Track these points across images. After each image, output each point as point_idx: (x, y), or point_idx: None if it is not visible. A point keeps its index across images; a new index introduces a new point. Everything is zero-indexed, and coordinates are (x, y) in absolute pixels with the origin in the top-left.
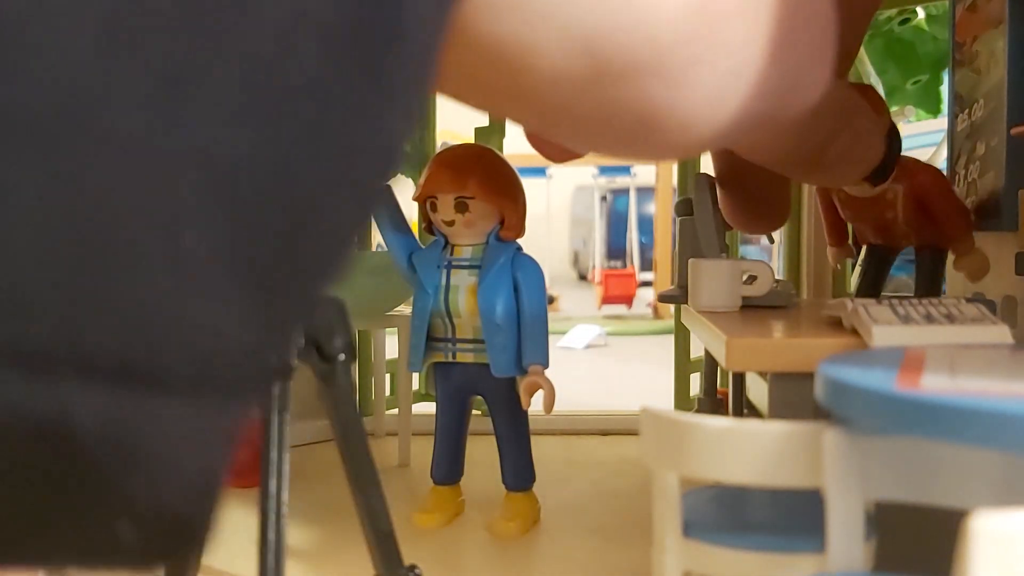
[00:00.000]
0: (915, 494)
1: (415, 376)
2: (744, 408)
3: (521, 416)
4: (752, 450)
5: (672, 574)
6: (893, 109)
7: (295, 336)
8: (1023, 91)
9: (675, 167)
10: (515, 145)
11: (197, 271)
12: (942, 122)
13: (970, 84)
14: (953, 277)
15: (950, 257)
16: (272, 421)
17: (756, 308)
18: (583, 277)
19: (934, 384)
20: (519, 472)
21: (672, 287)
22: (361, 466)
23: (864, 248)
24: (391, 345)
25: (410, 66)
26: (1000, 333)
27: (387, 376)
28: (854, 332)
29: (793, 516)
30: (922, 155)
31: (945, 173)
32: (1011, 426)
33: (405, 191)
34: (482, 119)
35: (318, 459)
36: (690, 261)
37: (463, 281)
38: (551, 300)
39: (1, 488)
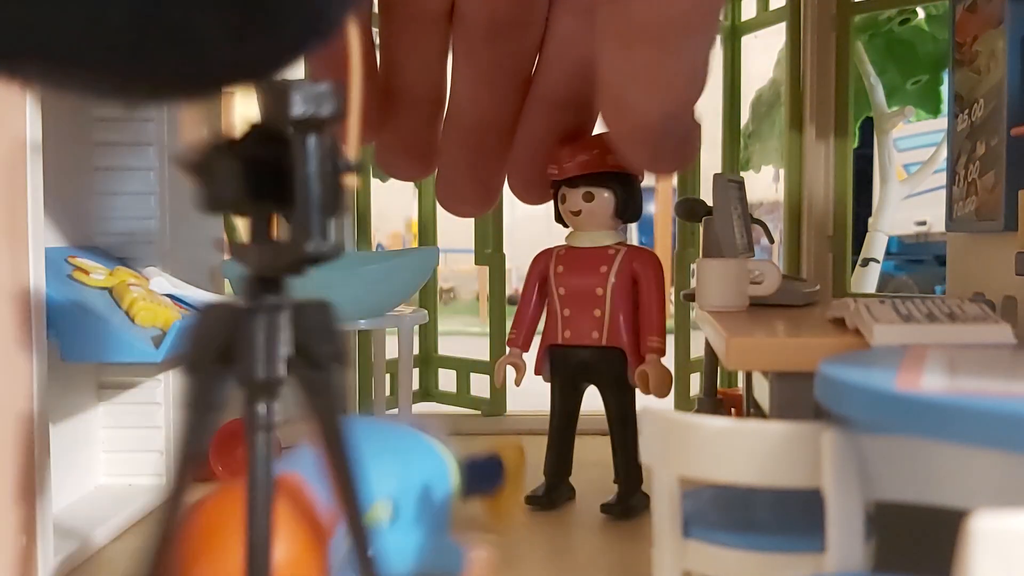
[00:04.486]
0: (915, 494)
1: (415, 376)
2: (750, 408)
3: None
4: (752, 450)
5: (672, 574)
6: (893, 109)
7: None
8: (1023, 91)
9: None
10: None
11: None
12: (942, 122)
13: (970, 84)
14: (953, 276)
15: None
16: (257, 441)
17: (765, 307)
18: None
19: (934, 384)
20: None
21: (694, 286)
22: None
23: None
24: (391, 345)
25: None
26: (1002, 332)
27: (387, 376)
28: (856, 332)
29: (793, 516)
30: (922, 155)
31: (945, 173)
32: (1011, 426)
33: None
34: None
35: None
36: (697, 261)
37: None
38: None
39: None
